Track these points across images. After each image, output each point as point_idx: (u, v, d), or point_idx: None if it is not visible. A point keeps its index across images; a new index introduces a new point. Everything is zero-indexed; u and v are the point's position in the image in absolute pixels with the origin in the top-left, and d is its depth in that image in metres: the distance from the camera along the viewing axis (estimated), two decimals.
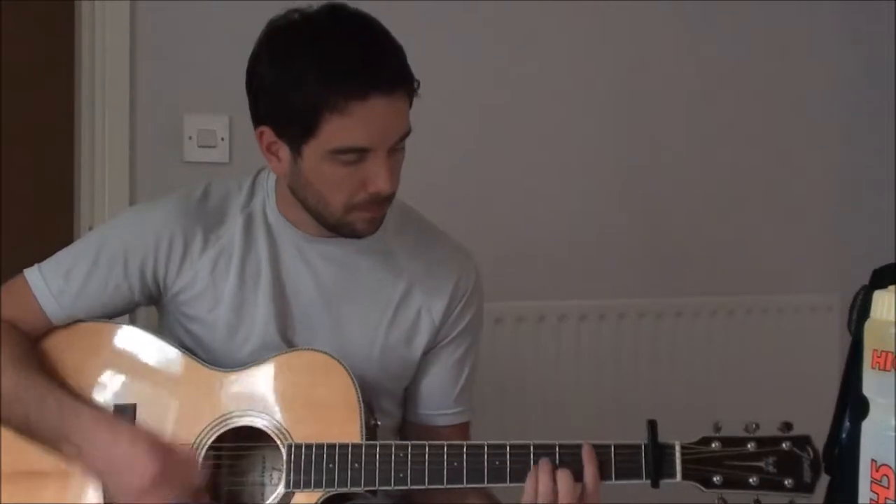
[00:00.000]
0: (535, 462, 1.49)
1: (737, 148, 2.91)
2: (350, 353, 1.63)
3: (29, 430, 1.56)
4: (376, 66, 1.50)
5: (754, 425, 1.48)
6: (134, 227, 1.65)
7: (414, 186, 1.72)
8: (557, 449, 1.49)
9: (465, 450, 1.51)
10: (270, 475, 1.59)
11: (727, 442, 1.48)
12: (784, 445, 1.47)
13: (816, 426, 1.87)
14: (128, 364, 1.63)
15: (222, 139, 2.44)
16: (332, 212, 1.56)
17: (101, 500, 1.56)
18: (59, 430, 1.53)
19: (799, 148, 2.99)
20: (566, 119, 2.75)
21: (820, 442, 1.85)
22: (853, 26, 3.01)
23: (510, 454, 1.50)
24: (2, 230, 3.29)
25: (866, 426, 1.15)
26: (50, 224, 2.59)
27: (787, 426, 1.48)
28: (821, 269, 2.98)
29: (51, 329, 1.64)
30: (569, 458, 1.49)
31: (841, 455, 1.78)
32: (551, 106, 2.74)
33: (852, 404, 1.76)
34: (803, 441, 1.48)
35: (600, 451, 1.49)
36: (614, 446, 1.49)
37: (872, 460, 1.14)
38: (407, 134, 1.55)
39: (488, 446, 1.51)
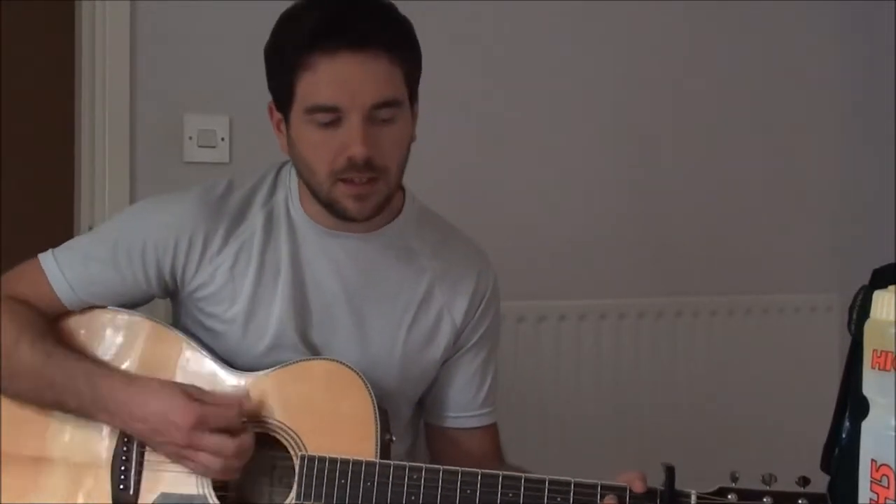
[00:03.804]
0: (552, 497, 1.46)
1: (737, 148, 2.91)
2: (371, 353, 1.63)
3: (55, 403, 1.57)
4: (347, 22, 1.50)
5: (771, 476, 1.44)
6: (154, 221, 1.64)
7: (415, 187, 1.72)
8: (572, 486, 1.46)
9: (479, 479, 1.48)
10: (280, 477, 1.58)
11: (743, 495, 1.44)
12: (800, 502, 1.43)
13: (816, 426, 1.87)
14: (144, 357, 1.61)
15: (222, 139, 2.44)
16: (319, 182, 1.55)
17: (107, 490, 1.56)
18: (92, 399, 1.54)
19: (799, 148, 2.99)
20: (566, 118, 2.75)
21: (820, 441, 1.86)
22: (853, 26, 3.01)
23: (524, 487, 1.47)
24: (2, 230, 3.29)
25: (866, 426, 1.15)
26: (50, 224, 2.59)
27: (805, 481, 1.43)
28: (821, 269, 2.98)
29: (65, 312, 1.63)
30: (584, 498, 1.46)
31: (841, 455, 1.78)
32: (551, 106, 2.74)
33: (852, 404, 1.77)
34: (819, 500, 1.44)
35: (614, 493, 1.45)
36: (629, 490, 1.45)
37: (872, 460, 1.14)
38: (390, 102, 1.52)
39: (503, 477, 1.48)
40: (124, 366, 1.61)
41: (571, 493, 1.46)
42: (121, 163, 2.39)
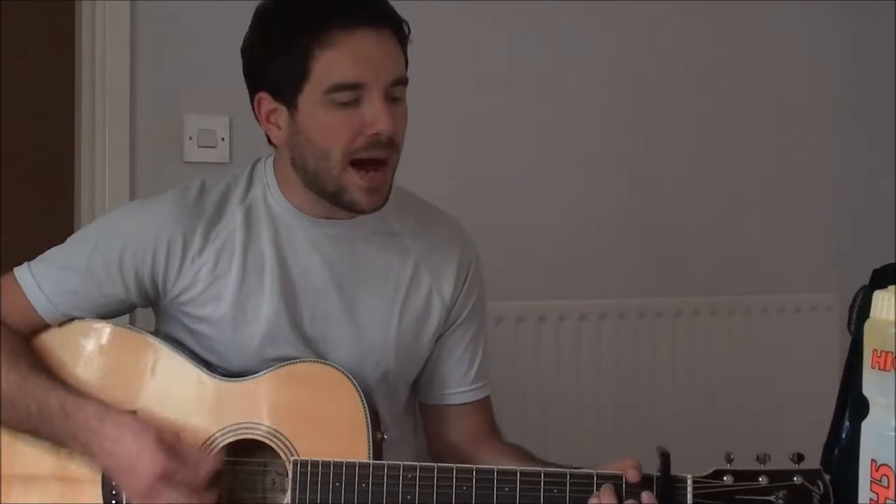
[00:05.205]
0: (548, 489, 1.46)
1: (737, 148, 2.91)
2: (367, 339, 1.62)
3: (31, 431, 1.54)
4: (359, 1, 1.52)
5: (766, 455, 1.44)
6: (130, 228, 1.61)
7: (413, 186, 1.72)
8: (568, 478, 1.46)
9: (474, 474, 1.48)
10: (273, 481, 1.57)
11: (739, 476, 1.44)
12: (795, 479, 1.43)
13: (816, 426, 1.87)
14: (128, 368, 1.59)
15: (222, 139, 2.44)
16: (330, 167, 1.53)
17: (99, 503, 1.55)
18: (64, 428, 1.52)
19: (799, 148, 2.99)
20: (566, 119, 2.75)
21: (820, 442, 1.85)
22: (853, 27, 3.01)
23: (520, 481, 1.47)
24: (2, 229, 3.29)
25: (866, 426, 1.15)
26: (50, 224, 2.59)
27: (800, 457, 1.44)
28: (821, 269, 2.98)
29: (45, 326, 1.61)
30: (580, 488, 1.45)
31: (841, 455, 1.78)
32: (551, 105, 2.74)
33: (852, 404, 1.76)
34: (814, 475, 1.44)
35: (610, 481, 1.45)
36: (625, 478, 1.45)
37: (872, 460, 1.14)
38: (402, 80, 1.54)
39: (498, 472, 1.48)
40: (105, 380, 1.58)
41: (567, 485, 1.46)
42: (121, 163, 2.39)
